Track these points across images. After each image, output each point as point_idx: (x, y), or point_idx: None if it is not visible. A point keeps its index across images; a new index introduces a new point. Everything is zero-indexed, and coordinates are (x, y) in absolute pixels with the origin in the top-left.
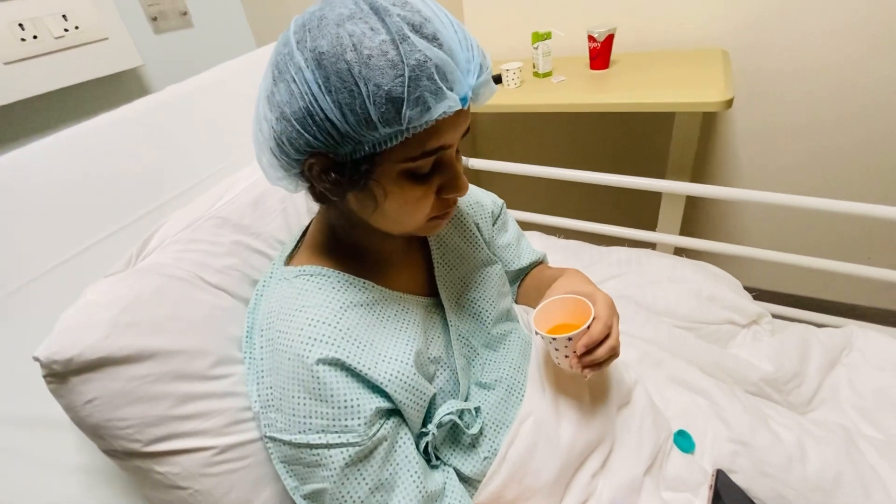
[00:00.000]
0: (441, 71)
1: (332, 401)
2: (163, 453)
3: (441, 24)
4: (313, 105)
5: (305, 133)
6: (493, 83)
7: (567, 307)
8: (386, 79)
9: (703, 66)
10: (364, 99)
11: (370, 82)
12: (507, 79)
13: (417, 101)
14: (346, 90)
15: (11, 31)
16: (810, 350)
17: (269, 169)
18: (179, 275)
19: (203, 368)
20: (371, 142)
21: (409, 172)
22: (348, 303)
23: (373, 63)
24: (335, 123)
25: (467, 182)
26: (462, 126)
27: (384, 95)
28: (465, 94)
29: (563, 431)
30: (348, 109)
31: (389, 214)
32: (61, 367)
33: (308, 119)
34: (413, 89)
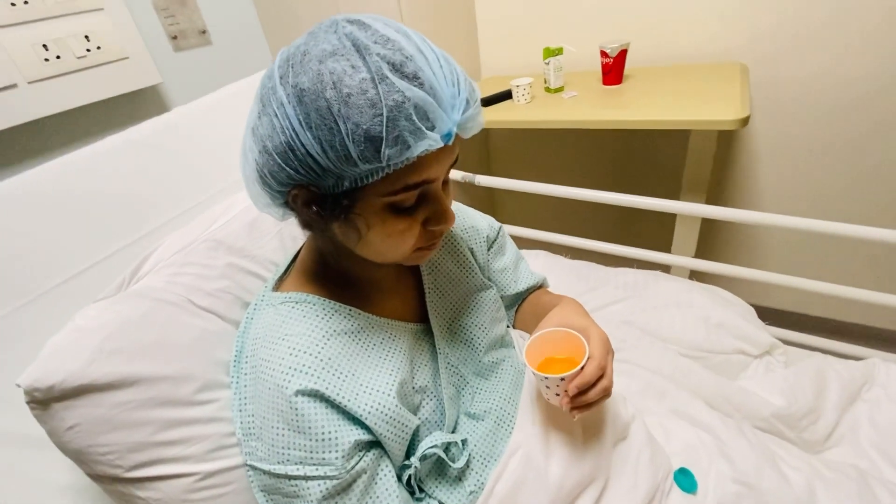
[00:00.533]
0: (420, 110)
1: (310, 433)
2: (144, 479)
3: (424, 62)
4: (294, 140)
5: (287, 167)
6: (480, 117)
7: (560, 341)
8: (365, 118)
9: (720, 82)
10: (343, 136)
11: (349, 121)
12: (517, 95)
13: (396, 140)
14: (326, 127)
15: (35, 51)
16: (827, 384)
17: (255, 198)
18: (169, 299)
19: (188, 394)
20: (352, 176)
21: (392, 206)
22: (332, 331)
23: (352, 101)
24: (316, 158)
25: (454, 214)
26: (446, 160)
27: (363, 134)
28: (449, 130)
29: (553, 467)
30: (328, 146)
31: (373, 246)
32: (42, 394)
33: (289, 153)
34: (391, 129)
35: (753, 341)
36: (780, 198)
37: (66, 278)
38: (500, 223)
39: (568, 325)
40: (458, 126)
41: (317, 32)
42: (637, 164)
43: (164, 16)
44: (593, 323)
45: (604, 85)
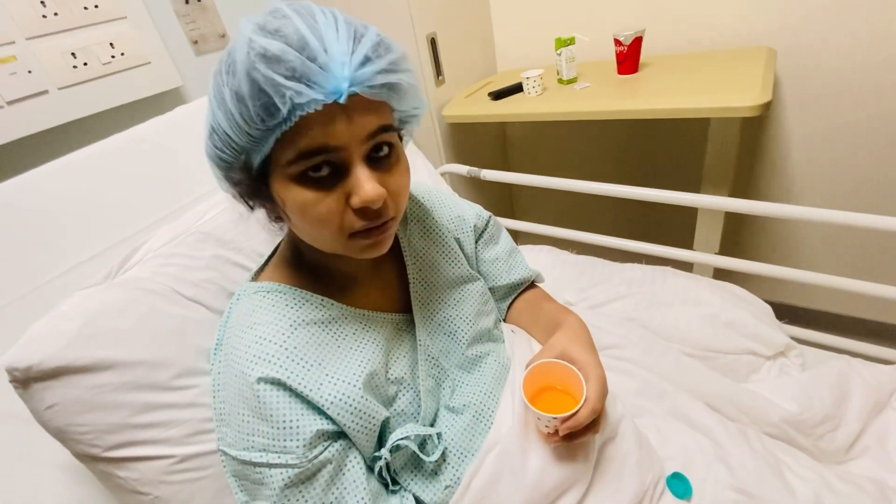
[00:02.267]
0: (279, 63)
1: (272, 421)
2: (122, 459)
3: (300, 20)
4: (213, 119)
5: (216, 148)
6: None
7: (559, 374)
8: (237, 79)
9: (743, 67)
10: (228, 104)
11: (227, 88)
12: (528, 87)
13: (260, 95)
14: (221, 100)
15: (65, 59)
16: (850, 389)
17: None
18: (154, 288)
19: (165, 379)
20: (255, 149)
21: (299, 177)
22: (300, 321)
23: (233, 69)
24: (227, 132)
25: (374, 189)
26: (349, 126)
27: (236, 95)
28: (337, 87)
29: (531, 465)
30: (227, 117)
31: (300, 226)
32: (21, 374)
33: (214, 135)
34: (251, 84)
35: (766, 341)
36: (813, 190)
37: (66, 269)
38: (490, 213)
39: (570, 357)
40: (356, 85)
41: None
42: (657, 156)
43: (186, 21)
44: (596, 359)
45: (619, 74)
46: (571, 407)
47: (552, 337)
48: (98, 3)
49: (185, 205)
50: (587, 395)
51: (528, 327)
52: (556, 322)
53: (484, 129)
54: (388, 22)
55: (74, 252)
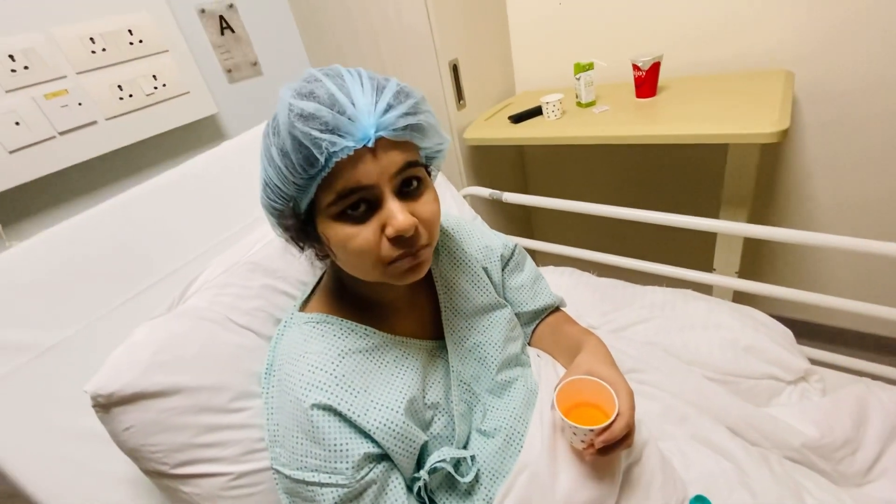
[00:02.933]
0: (314, 119)
1: (324, 444)
2: (187, 476)
3: (330, 83)
4: (265, 174)
5: (268, 198)
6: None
7: (590, 390)
8: (280, 141)
9: (761, 91)
10: (276, 161)
11: (274, 147)
12: (547, 111)
13: (299, 147)
14: (269, 158)
15: (112, 91)
16: (868, 413)
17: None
18: (211, 317)
19: (223, 402)
20: (301, 196)
21: (339, 215)
22: (347, 350)
23: (276, 132)
24: (276, 183)
25: (406, 219)
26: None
27: (281, 154)
28: (365, 134)
29: (560, 488)
30: (274, 170)
31: (343, 259)
32: (104, 399)
33: (267, 188)
34: (293, 141)
35: (786, 366)
36: (834, 214)
37: (130, 296)
38: (516, 242)
39: (598, 375)
40: (383, 130)
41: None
42: (675, 180)
43: (221, 52)
44: (620, 376)
45: (637, 98)
46: (604, 421)
47: (577, 357)
48: (143, 38)
49: (233, 234)
50: (620, 409)
51: (552, 350)
52: (578, 343)
53: (503, 151)
54: (413, 51)
55: (137, 280)
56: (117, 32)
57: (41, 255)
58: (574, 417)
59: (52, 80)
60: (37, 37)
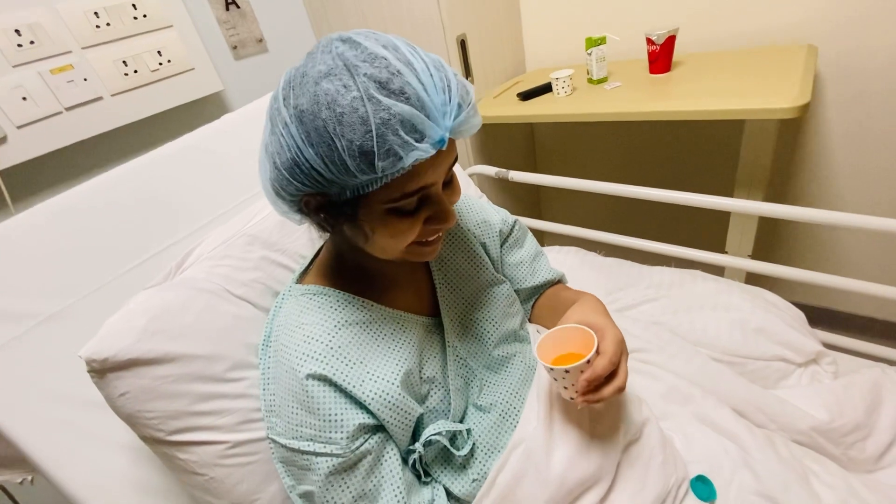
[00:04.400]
0: (408, 124)
1: (319, 413)
2: (182, 443)
3: (411, 75)
4: (299, 156)
5: (294, 180)
6: (475, 118)
7: (574, 338)
8: (357, 134)
9: (782, 66)
10: (340, 152)
11: (343, 138)
12: (557, 88)
13: (388, 153)
14: (325, 144)
15: (117, 67)
16: (883, 398)
17: (274, 206)
18: (208, 287)
19: (220, 371)
20: (353, 186)
21: (394, 210)
22: (344, 321)
23: (345, 120)
24: (320, 171)
25: (454, 213)
26: (442, 165)
27: (357, 149)
28: (441, 137)
29: (555, 463)
30: (328, 160)
31: (378, 244)
32: (99, 364)
33: (295, 168)
34: (382, 144)
35: (797, 348)
36: (854, 195)
37: (129, 268)
38: (516, 218)
39: (585, 323)
40: (452, 131)
41: (314, 53)
42: (688, 158)
43: (226, 27)
44: (611, 322)
45: (650, 74)
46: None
47: (567, 312)
48: (147, 13)
49: (233, 208)
50: (602, 349)
51: (550, 319)
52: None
53: (512, 129)
54: (420, 25)
55: (133, 255)
56: (121, 6)
57: (42, 224)
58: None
59: (58, 55)
60: (41, 11)
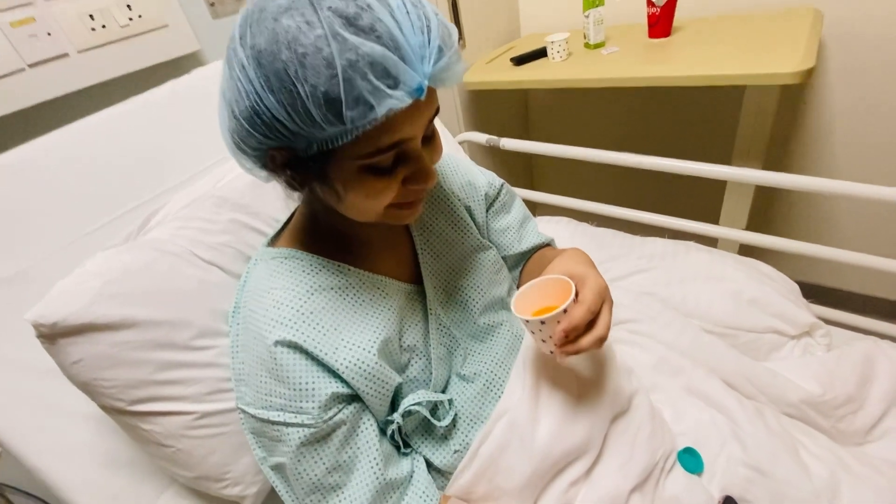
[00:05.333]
0: (379, 67)
1: (288, 382)
2: (145, 413)
3: (383, 10)
4: (259, 105)
5: (255, 132)
6: (458, 66)
7: (554, 290)
8: (321, 79)
9: (786, 31)
10: (303, 99)
11: (307, 83)
12: (552, 52)
13: (357, 101)
14: (286, 90)
15: (83, 21)
16: (876, 370)
17: (237, 161)
18: (173, 250)
19: (185, 339)
20: (321, 140)
21: (368, 168)
22: (317, 286)
23: (308, 62)
24: (283, 122)
25: (434, 172)
26: (422, 118)
27: (322, 96)
28: (419, 84)
29: (540, 435)
30: (291, 109)
31: (352, 205)
32: (47, 329)
33: (256, 118)
34: (349, 90)
35: (790, 320)
36: (854, 167)
37: (89, 231)
38: (503, 181)
39: (566, 274)
40: (431, 78)
41: None
42: (686, 127)
43: None
44: (593, 271)
45: (649, 38)
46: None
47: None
48: None
49: (204, 170)
50: (582, 297)
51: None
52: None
53: (505, 96)
54: None
55: (96, 215)
56: None
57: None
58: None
59: (18, 6)
60: None
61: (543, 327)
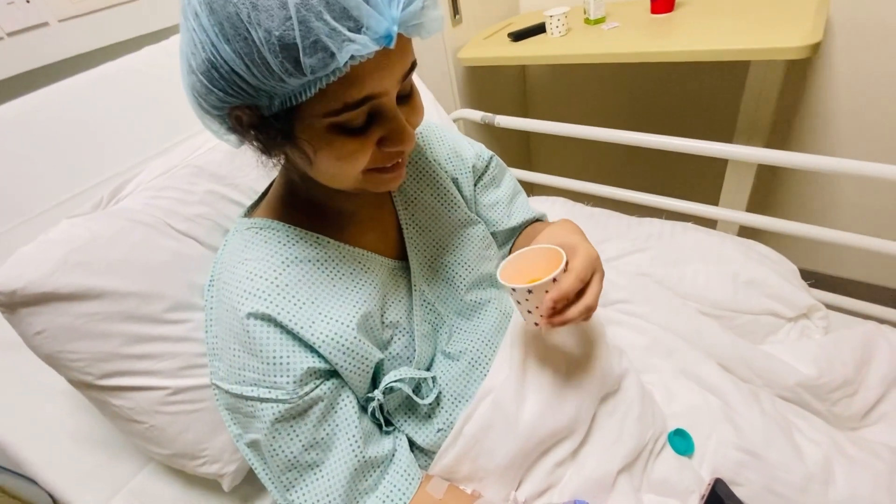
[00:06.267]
0: (337, 7)
1: (262, 356)
2: (115, 388)
3: None
4: (214, 56)
5: (214, 88)
6: (434, 11)
7: (543, 259)
8: (275, 22)
9: (792, 5)
10: (259, 46)
11: (260, 27)
12: (551, 27)
13: (315, 46)
14: (241, 38)
15: None
16: (874, 354)
17: (203, 123)
18: (145, 220)
19: (157, 312)
20: (284, 95)
21: (337, 126)
22: (293, 258)
23: (260, 4)
24: (241, 74)
25: (412, 133)
26: (393, 71)
27: (277, 42)
28: (387, 30)
29: (525, 415)
30: (248, 59)
31: (324, 170)
32: (6, 298)
33: (213, 72)
34: (305, 33)
35: (788, 302)
36: (859, 146)
37: (60, 201)
38: (492, 154)
39: (556, 243)
40: (401, 25)
41: None
42: (688, 105)
43: None
44: (584, 240)
45: (652, 14)
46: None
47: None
48: None
49: (181, 141)
50: (572, 265)
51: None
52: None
53: (503, 73)
54: None
55: (66, 185)
56: None
57: None
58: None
59: None
60: None
61: (531, 296)
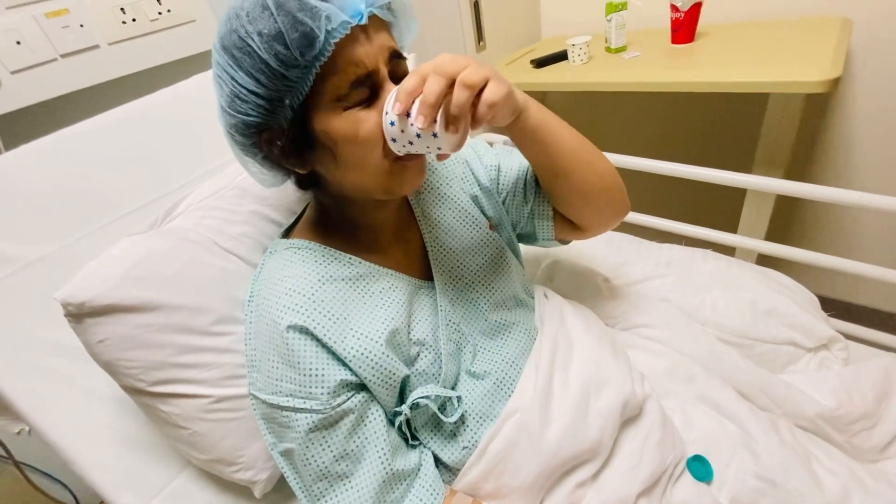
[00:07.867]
0: None
1: (299, 367)
2: (164, 395)
3: None
4: (235, 86)
5: (239, 114)
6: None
7: None
8: (264, 23)
9: (813, 38)
10: (259, 53)
11: (255, 35)
12: (573, 55)
13: (296, 27)
14: (246, 55)
15: (114, 14)
16: (894, 387)
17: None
18: (195, 238)
19: (204, 324)
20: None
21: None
22: (328, 276)
23: (251, 16)
24: (255, 92)
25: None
26: (372, 47)
27: (269, 39)
28: (356, 8)
29: (550, 436)
30: (255, 71)
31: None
32: (75, 308)
33: (236, 101)
34: (286, 19)
35: (808, 332)
36: (878, 179)
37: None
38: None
39: None
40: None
41: None
42: (707, 135)
43: None
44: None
45: (672, 44)
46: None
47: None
48: None
49: (225, 162)
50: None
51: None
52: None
53: None
54: None
55: (123, 203)
56: None
57: (30, 166)
58: None
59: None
60: None
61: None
